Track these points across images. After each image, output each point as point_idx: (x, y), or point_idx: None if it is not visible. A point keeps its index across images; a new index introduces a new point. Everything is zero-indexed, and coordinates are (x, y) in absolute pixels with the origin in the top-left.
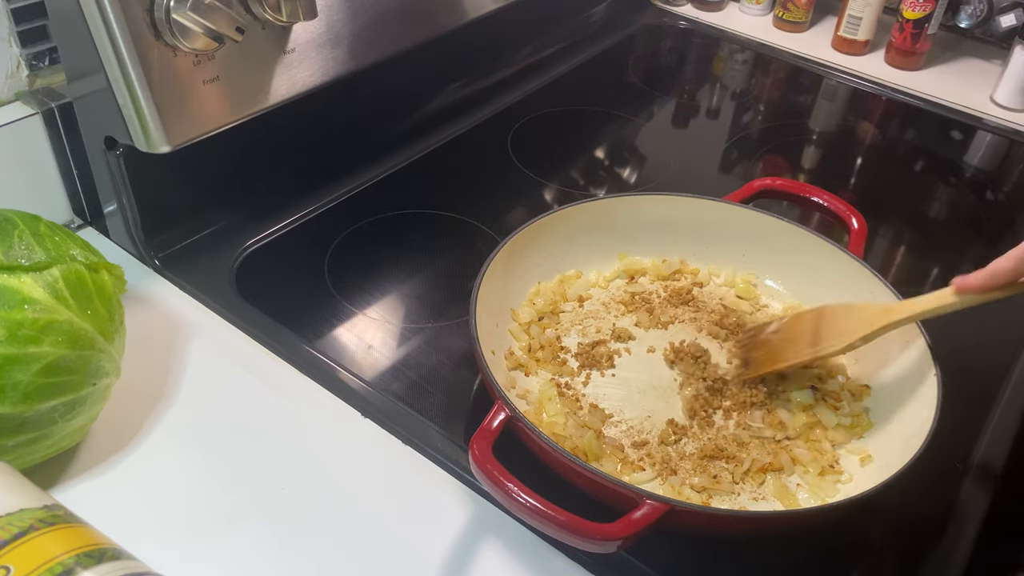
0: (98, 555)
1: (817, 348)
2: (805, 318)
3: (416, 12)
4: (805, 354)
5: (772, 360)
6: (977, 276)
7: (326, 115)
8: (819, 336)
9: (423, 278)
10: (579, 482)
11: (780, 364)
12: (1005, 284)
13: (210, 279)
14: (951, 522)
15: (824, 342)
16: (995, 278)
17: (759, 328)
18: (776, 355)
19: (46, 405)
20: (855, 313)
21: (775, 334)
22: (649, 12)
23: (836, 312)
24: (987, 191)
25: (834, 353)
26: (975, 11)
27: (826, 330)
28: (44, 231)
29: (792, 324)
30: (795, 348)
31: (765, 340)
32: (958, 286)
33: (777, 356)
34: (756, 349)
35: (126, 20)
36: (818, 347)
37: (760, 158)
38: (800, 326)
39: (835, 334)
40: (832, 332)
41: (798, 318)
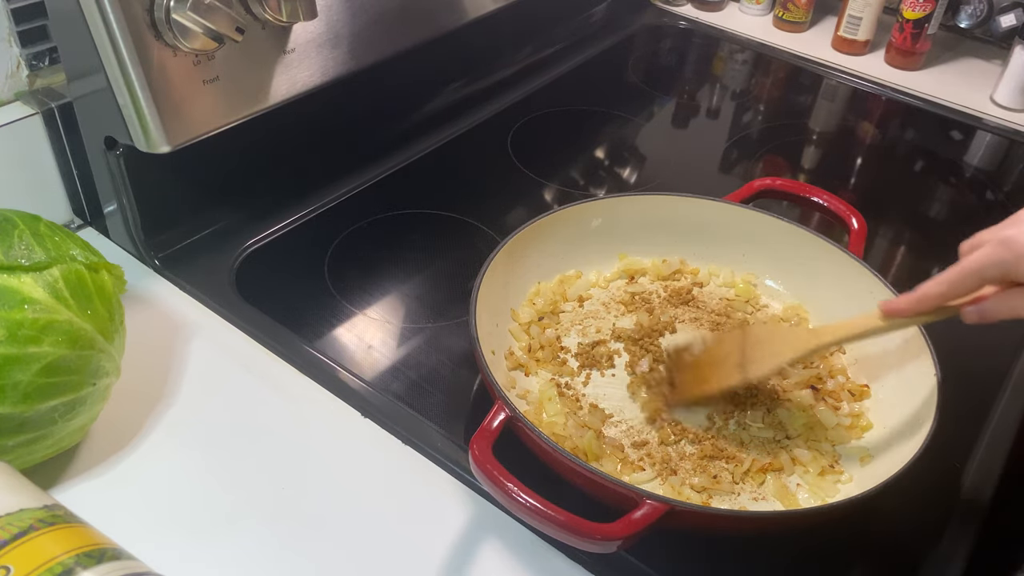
0: (98, 555)
1: (745, 371)
2: (729, 339)
3: (416, 12)
4: (733, 377)
5: (699, 382)
6: (905, 300)
7: (326, 115)
8: (745, 358)
9: (423, 278)
10: (579, 482)
11: (707, 388)
12: (933, 309)
13: (210, 279)
14: (951, 522)
15: (751, 364)
16: (922, 303)
17: (682, 350)
18: (702, 378)
19: (46, 405)
20: (781, 335)
21: (699, 356)
22: (649, 12)
23: (760, 334)
24: (987, 191)
25: (762, 377)
26: (975, 11)
27: (751, 351)
28: (44, 231)
29: (716, 347)
30: (723, 370)
31: (690, 362)
32: (885, 310)
33: (703, 378)
34: (681, 372)
35: (126, 20)
36: (745, 370)
37: (760, 158)
38: (725, 348)
39: (761, 356)
40: (758, 354)
41: (721, 340)
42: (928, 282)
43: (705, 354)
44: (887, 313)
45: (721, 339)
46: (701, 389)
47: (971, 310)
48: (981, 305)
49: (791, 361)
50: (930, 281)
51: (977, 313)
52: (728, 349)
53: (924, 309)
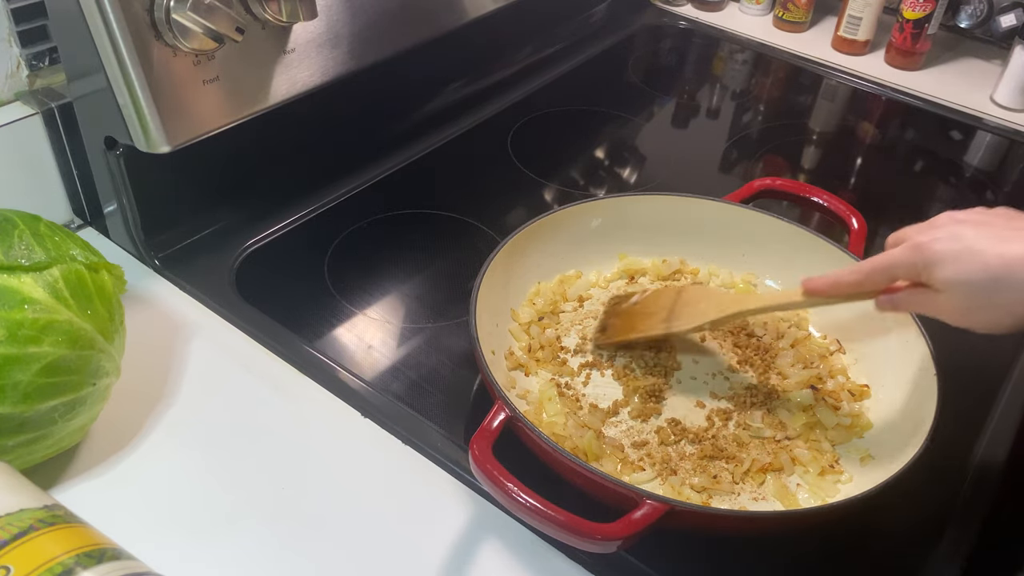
0: (98, 555)
1: (669, 324)
2: (665, 294)
3: (416, 12)
4: (657, 328)
5: (626, 329)
6: (822, 281)
7: (326, 115)
8: (673, 313)
9: (423, 278)
10: (579, 482)
11: (632, 334)
12: (847, 295)
13: (210, 279)
14: (951, 522)
15: (676, 320)
16: (837, 287)
17: (623, 297)
18: (631, 325)
19: (46, 405)
20: (710, 297)
21: (635, 305)
22: (649, 12)
23: (693, 293)
24: (987, 191)
25: (684, 331)
26: (975, 11)
27: (681, 308)
28: (44, 231)
29: (652, 298)
30: (650, 321)
31: (625, 310)
32: (805, 287)
33: (632, 326)
34: (615, 317)
35: (126, 20)
36: (670, 323)
37: (760, 158)
38: (659, 301)
39: (688, 314)
40: (686, 312)
41: (658, 293)
42: (846, 269)
43: (639, 305)
44: (807, 291)
45: (657, 293)
46: (626, 335)
47: (884, 300)
48: (893, 297)
49: (712, 322)
50: (848, 269)
51: (889, 303)
52: (662, 304)
53: (838, 292)
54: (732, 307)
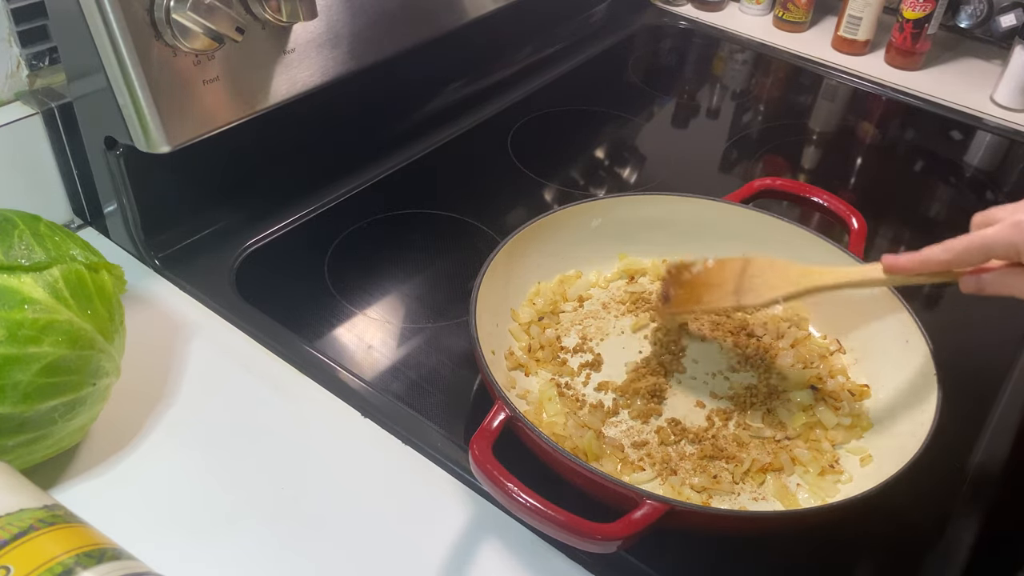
0: (98, 555)
1: (739, 297)
2: (730, 265)
3: (416, 12)
4: (727, 301)
5: (692, 300)
6: (908, 258)
7: (326, 115)
8: (742, 286)
9: (423, 278)
10: (579, 482)
11: (699, 305)
12: (934, 273)
13: (210, 279)
14: (951, 522)
15: (747, 293)
16: (925, 265)
17: (683, 267)
18: (696, 296)
19: (46, 405)
20: (780, 270)
21: (698, 276)
22: (649, 12)
23: (762, 265)
24: (987, 191)
25: (755, 306)
26: (975, 11)
27: (749, 281)
28: (44, 231)
29: (717, 269)
30: (718, 293)
31: (688, 280)
32: (887, 265)
33: (697, 297)
34: (678, 287)
35: (126, 20)
36: (740, 296)
37: (760, 158)
38: (724, 272)
39: (758, 287)
40: (755, 284)
41: (723, 264)
42: (934, 247)
43: (703, 274)
44: (888, 268)
45: (722, 263)
46: (693, 306)
47: (970, 280)
48: (981, 277)
49: (785, 296)
50: (936, 246)
51: (975, 284)
52: (727, 275)
53: (925, 271)
54: (805, 282)
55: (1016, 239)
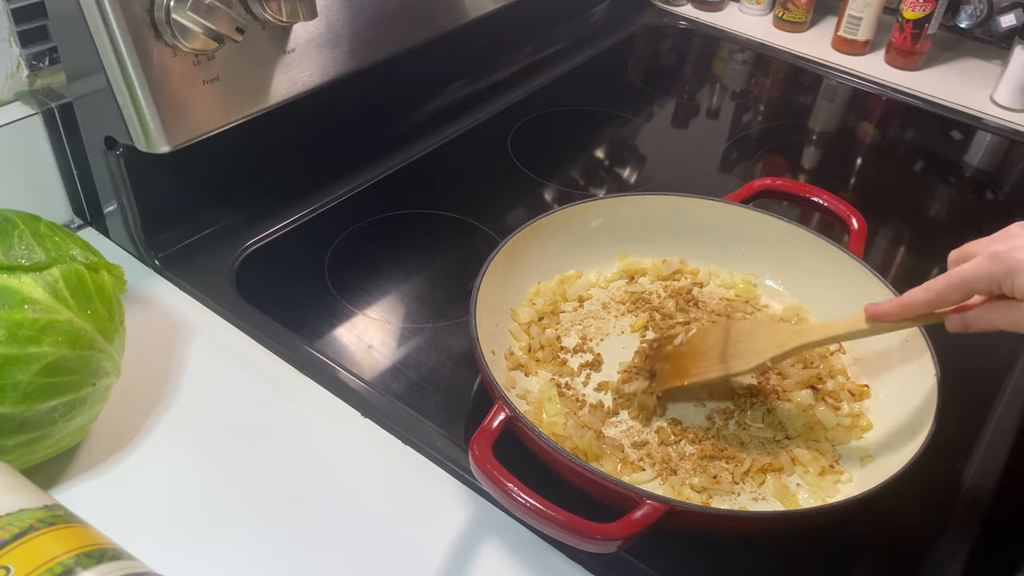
0: (98, 555)
1: (727, 365)
2: (711, 333)
3: (416, 12)
4: (715, 370)
5: (679, 374)
6: (890, 305)
7: (326, 115)
8: (727, 352)
9: (423, 278)
10: (579, 482)
11: (686, 378)
12: (918, 316)
13: (210, 279)
14: (951, 522)
15: (733, 360)
16: (908, 309)
17: (664, 340)
18: (682, 369)
19: (46, 405)
20: (764, 332)
21: (681, 347)
22: (649, 12)
23: (743, 329)
24: (987, 191)
25: (744, 372)
26: (975, 11)
27: (734, 347)
28: (44, 231)
29: (699, 338)
30: (703, 363)
31: (671, 352)
32: (869, 314)
33: (684, 370)
34: (662, 362)
35: (126, 20)
36: (727, 364)
37: (760, 158)
38: (708, 340)
39: (744, 351)
40: (741, 349)
41: (705, 332)
42: (916, 290)
43: (686, 346)
44: (871, 317)
45: (704, 332)
46: (680, 380)
47: (955, 319)
48: (965, 315)
49: (773, 359)
50: (918, 289)
51: (961, 322)
52: (711, 342)
53: (909, 315)
54: (791, 342)
55: (994, 270)
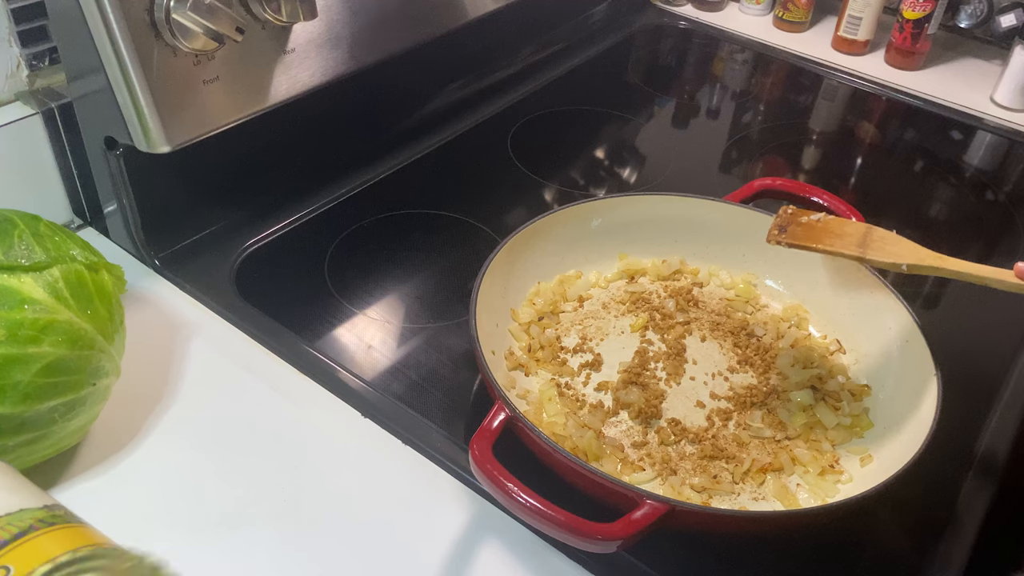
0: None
1: (864, 250)
2: (853, 226)
3: (416, 12)
4: (851, 250)
5: (812, 238)
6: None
7: (326, 115)
8: (866, 244)
9: (423, 278)
10: (579, 482)
11: (820, 245)
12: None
13: (210, 279)
14: (951, 522)
15: (871, 250)
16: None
17: (800, 212)
18: (816, 237)
19: (46, 405)
20: (906, 244)
21: (818, 223)
22: (649, 12)
23: (885, 235)
24: (987, 191)
25: (880, 263)
26: (975, 11)
27: (874, 243)
28: (44, 231)
29: (838, 224)
30: (842, 241)
31: (807, 223)
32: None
33: (818, 238)
34: (796, 225)
35: (126, 20)
36: (865, 250)
37: (760, 158)
38: (846, 229)
39: (883, 249)
40: (879, 247)
41: (843, 222)
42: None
43: (823, 223)
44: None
45: (842, 221)
46: (814, 243)
47: None
48: None
49: (910, 265)
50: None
51: None
52: (850, 231)
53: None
54: (930, 260)
55: None
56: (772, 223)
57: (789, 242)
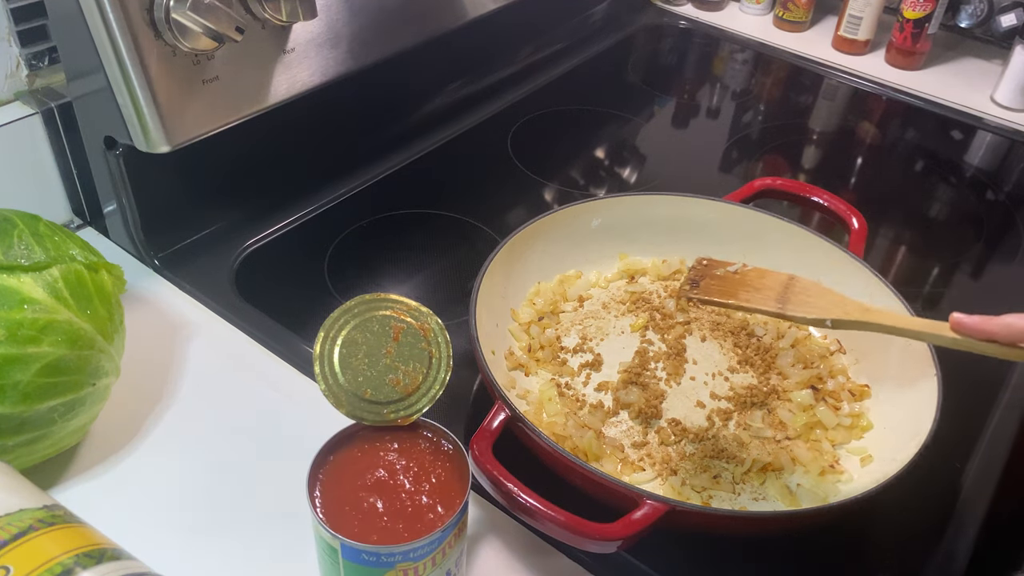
0: (98, 555)
1: (783, 306)
2: (772, 276)
3: (416, 12)
4: (769, 306)
5: (726, 294)
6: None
7: (326, 115)
8: (786, 297)
9: (423, 278)
10: (579, 482)
11: (735, 300)
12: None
13: (210, 279)
14: (951, 522)
15: (792, 305)
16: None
17: (715, 263)
18: (731, 291)
19: (46, 405)
20: (831, 297)
21: (734, 275)
22: (649, 12)
23: (808, 286)
24: (987, 191)
25: (801, 320)
26: (975, 11)
27: (795, 296)
28: (44, 231)
29: (756, 275)
30: (759, 296)
31: (723, 276)
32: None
33: (732, 293)
34: (711, 278)
35: (126, 20)
36: (784, 306)
37: (760, 158)
38: (766, 280)
39: (805, 303)
40: (802, 300)
41: (763, 272)
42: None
43: (741, 275)
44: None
45: (763, 272)
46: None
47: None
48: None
49: (834, 321)
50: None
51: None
52: (769, 283)
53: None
54: (857, 315)
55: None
56: (684, 276)
57: (701, 297)
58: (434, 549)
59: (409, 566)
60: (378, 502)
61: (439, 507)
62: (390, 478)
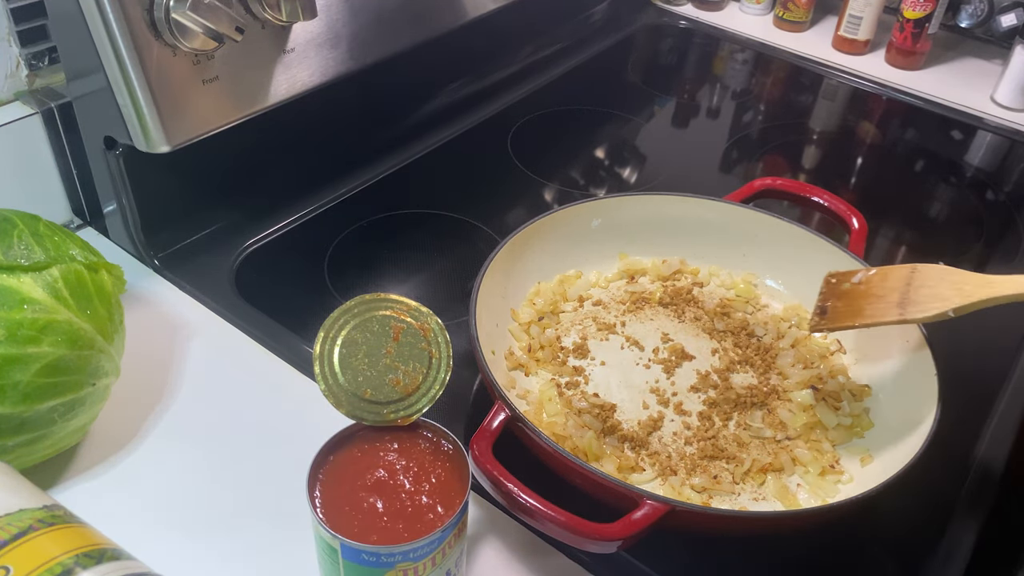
0: (98, 555)
1: (904, 310)
2: (895, 274)
3: (416, 12)
4: (891, 314)
5: (852, 314)
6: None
7: (326, 115)
8: (908, 298)
9: (423, 278)
10: (579, 482)
11: (860, 320)
12: None
13: (210, 279)
14: (951, 522)
15: (912, 306)
16: None
17: (843, 276)
18: (857, 308)
19: (46, 405)
20: (950, 279)
21: (859, 285)
22: (649, 12)
23: (929, 274)
24: (987, 191)
25: (922, 320)
26: (975, 11)
27: (916, 292)
28: (43, 231)
29: (879, 279)
30: (880, 306)
31: (848, 291)
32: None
33: (858, 310)
34: (837, 299)
35: (126, 20)
36: (905, 309)
37: (760, 158)
38: (888, 282)
39: (924, 298)
40: (922, 295)
41: (887, 273)
42: None
43: (864, 284)
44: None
45: (885, 272)
46: (853, 320)
47: None
48: None
49: (956, 309)
50: None
51: None
52: (891, 284)
53: None
54: (978, 293)
55: None
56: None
57: (830, 327)
58: (434, 549)
59: (409, 566)
60: (378, 502)
61: (439, 507)
62: (390, 478)
